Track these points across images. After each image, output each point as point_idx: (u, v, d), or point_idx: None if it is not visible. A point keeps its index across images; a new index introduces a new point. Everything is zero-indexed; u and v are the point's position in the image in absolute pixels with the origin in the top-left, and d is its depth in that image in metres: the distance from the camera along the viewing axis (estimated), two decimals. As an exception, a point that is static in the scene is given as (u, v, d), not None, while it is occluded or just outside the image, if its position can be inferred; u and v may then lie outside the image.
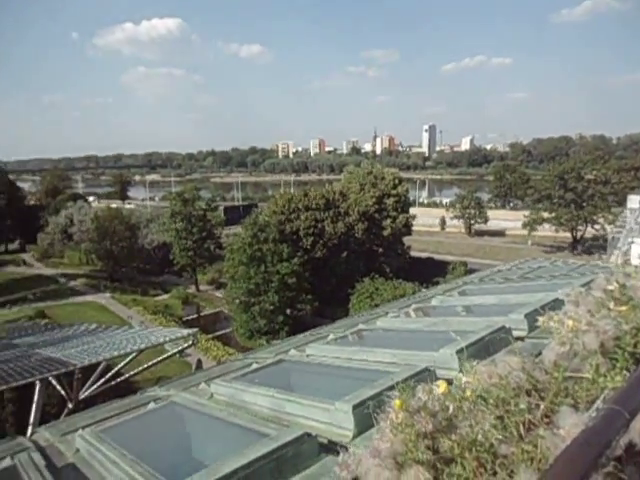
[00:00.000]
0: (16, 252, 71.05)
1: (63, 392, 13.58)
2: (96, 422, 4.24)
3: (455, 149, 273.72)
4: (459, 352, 3.86)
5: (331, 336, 5.90)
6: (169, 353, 15.19)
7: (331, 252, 43.88)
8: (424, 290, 34.71)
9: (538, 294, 6.09)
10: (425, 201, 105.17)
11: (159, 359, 14.38)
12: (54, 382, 13.09)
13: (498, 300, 6.28)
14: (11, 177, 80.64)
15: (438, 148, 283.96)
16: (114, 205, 73.63)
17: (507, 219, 77.34)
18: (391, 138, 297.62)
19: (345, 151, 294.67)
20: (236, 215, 74.69)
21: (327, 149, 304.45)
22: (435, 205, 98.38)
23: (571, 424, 1.19)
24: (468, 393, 1.45)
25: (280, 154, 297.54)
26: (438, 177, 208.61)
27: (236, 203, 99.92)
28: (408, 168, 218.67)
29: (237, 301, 38.69)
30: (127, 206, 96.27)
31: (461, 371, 3.73)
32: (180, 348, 14.15)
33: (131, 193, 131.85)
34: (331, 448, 2.98)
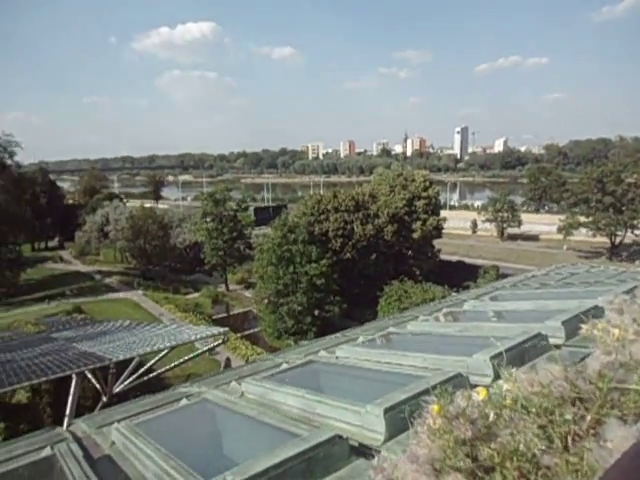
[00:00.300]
0: (55, 249, 73.83)
1: (98, 386, 13.99)
2: (130, 416, 4.34)
3: (488, 151, 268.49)
4: (493, 358, 3.78)
5: (361, 338, 5.88)
6: (200, 351, 15.44)
7: (360, 254, 43.71)
8: (454, 294, 34.19)
9: (575, 301, 5.90)
10: (456, 204, 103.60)
11: (190, 356, 14.64)
12: (89, 376, 13.49)
13: (533, 306, 6.12)
14: (52, 177, 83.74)
15: (470, 150, 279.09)
16: (148, 205, 75.34)
17: (541, 223, 75.29)
18: (422, 140, 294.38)
19: (375, 153, 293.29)
20: (266, 216, 75.37)
21: (357, 151, 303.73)
22: (466, 208, 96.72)
23: (620, 437, 1.14)
24: (509, 401, 1.42)
25: (310, 155, 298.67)
26: (470, 179, 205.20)
27: (266, 204, 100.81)
28: (439, 170, 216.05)
29: (266, 301, 39.02)
30: (160, 206, 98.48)
31: (495, 378, 3.68)
32: (211, 346, 14.38)
33: (164, 193, 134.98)
34: (362, 451, 2.97)
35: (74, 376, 11.58)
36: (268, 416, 3.50)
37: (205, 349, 15.33)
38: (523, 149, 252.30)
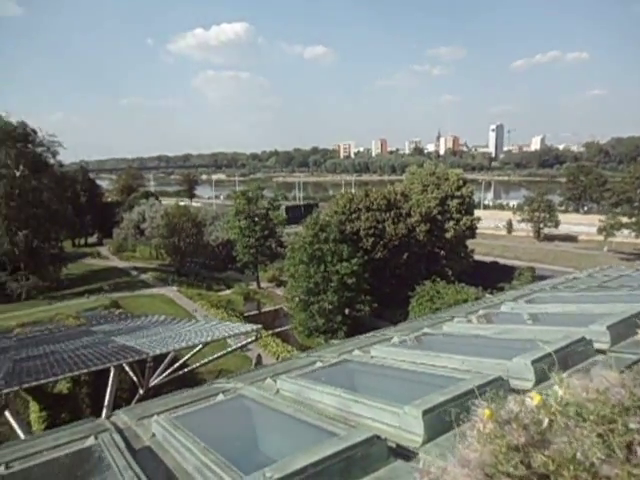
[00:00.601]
0: (94, 245, 76.38)
1: (135, 378, 14.39)
2: (169, 409, 4.44)
3: (524, 149, 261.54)
4: (535, 362, 3.68)
5: (395, 338, 5.82)
6: (233, 347, 15.67)
7: (391, 253, 43.37)
8: (488, 295, 33.46)
9: (620, 305, 5.68)
10: (490, 203, 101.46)
11: (224, 352, 14.89)
12: (127, 368, 13.93)
13: (575, 309, 5.92)
14: (91, 176, 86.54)
15: (505, 148, 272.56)
16: (182, 203, 76.97)
17: (580, 223, 72.84)
18: (455, 138, 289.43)
19: (407, 151, 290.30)
20: (297, 214, 75.88)
21: (389, 149, 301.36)
22: (501, 207, 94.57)
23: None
24: (566, 407, 1.37)
25: (341, 154, 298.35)
26: (505, 178, 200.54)
27: (297, 203, 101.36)
28: (473, 169, 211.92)
29: (297, 299, 39.23)
30: (194, 204, 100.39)
31: (537, 382, 3.58)
32: (244, 343, 14.59)
33: (198, 191, 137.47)
34: (400, 452, 2.94)
35: (112, 368, 11.98)
36: (304, 414, 3.51)
37: (239, 345, 15.56)
38: (561, 147, 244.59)
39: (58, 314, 34.56)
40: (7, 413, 11.63)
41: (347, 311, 38.63)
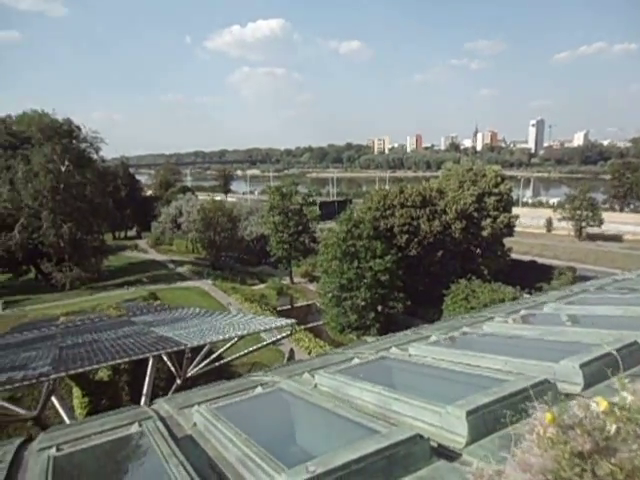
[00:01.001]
0: (134, 238, 78.77)
1: (173, 369, 14.78)
2: (209, 400, 4.52)
3: (566, 145, 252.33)
4: (583, 365, 3.55)
5: (434, 337, 5.74)
6: (269, 341, 15.87)
7: (426, 251, 42.80)
8: (526, 295, 32.60)
9: (674, 308, 5.41)
10: (529, 201, 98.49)
11: (259, 346, 15.10)
12: (165, 358, 14.30)
13: (624, 312, 5.67)
14: (131, 171, 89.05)
15: (546, 144, 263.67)
16: (218, 198, 78.28)
17: (626, 222, 69.74)
18: (493, 133, 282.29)
19: (443, 147, 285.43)
20: (331, 210, 75.87)
21: (424, 145, 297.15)
22: (540, 205, 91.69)
23: None
24: (635, 414, 1.31)
25: (376, 150, 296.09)
26: (545, 175, 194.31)
27: (331, 198, 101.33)
28: (511, 165, 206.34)
29: (329, 295, 39.29)
30: (229, 199, 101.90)
31: (586, 386, 3.45)
32: (279, 337, 14.75)
33: (233, 187, 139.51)
34: (442, 452, 2.90)
35: (151, 358, 12.32)
36: (344, 409, 3.51)
37: (273, 340, 15.74)
38: (606, 143, 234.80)
39: (100, 304, 35.87)
40: (53, 398, 12.16)
41: (380, 308, 38.41)
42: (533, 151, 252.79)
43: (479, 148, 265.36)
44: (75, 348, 12.73)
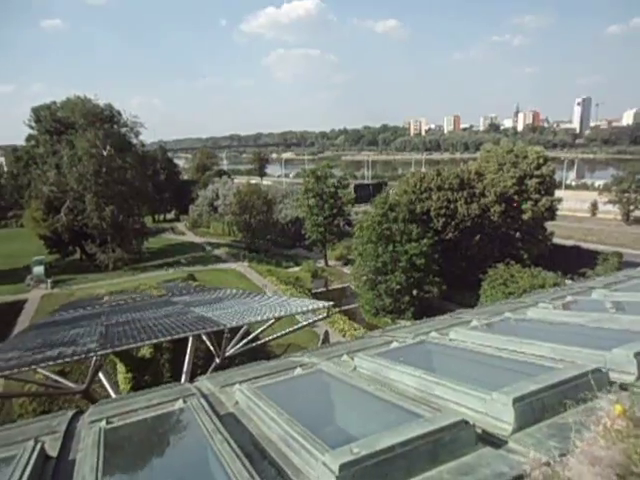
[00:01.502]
0: (172, 221, 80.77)
1: (212, 348, 15.18)
2: (250, 379, 4.60)
3: (614, 124, 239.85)
4: (638, 355, 3.39)
5: (474, 322, 5.62)
6: (305, 322, 16.04)
7: (463, 234, 41.94)
8: (568, 281, 31.57)
9: None
10: (573, 183, 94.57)
11: (296, 327, 15.28)
12: (204, 338, 14.70)
13: (680, 299, 5.38)
14: (169, 155, 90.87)
15: (592, 124, 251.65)
16: (253, 181, 78.97)
17: (679, 206, 66.03)
18: (535, 113, 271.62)
19: (482, 128, 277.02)
20: (366, 193, 75.38)
21: (462, 126, 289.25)
22: (585, 188, 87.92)
23: None
24: None
25: (412, 132, 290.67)
26: (590, 156, 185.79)
27: (366, 181, 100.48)
28: (554, 146, 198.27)
29: (364, 278, 39.22)
30: (264, 182, 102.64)
31: (641, 377, 3.29)
32: (315, 319, 14.89)
33: (268, 170, 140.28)
34: (487, 439, 2.84)
35: (191, 337, 12.70)
36: (385, 393, 3.49)
37: (310, 321, 15.90)
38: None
39: (141, 284, 37.14)
40: (100, 373, 12.75)
41: (415, 292, 38.05)
42: (578, 131, 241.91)
43: (520, 129, 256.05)
44: (119, 326, 13.25)
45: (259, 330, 15.39)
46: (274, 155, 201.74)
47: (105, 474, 2.79)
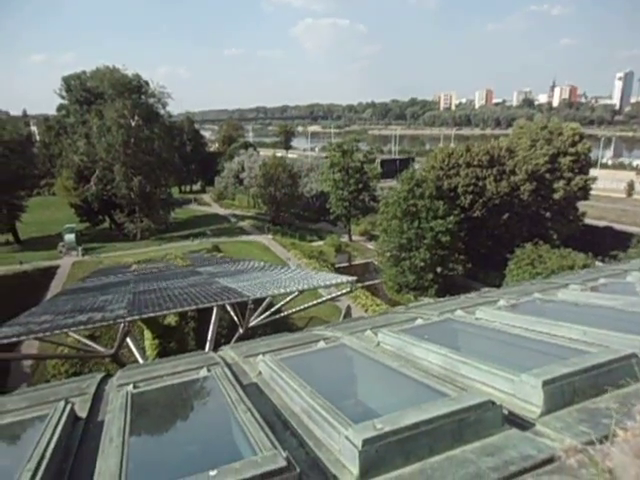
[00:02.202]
0: (198, 192, 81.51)
1: (235, 318, 15.44)
2: (273, 350, 4.62)
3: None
4: (677, 341, 3.24)
5: (502, 302, 5.50)
6: (328, 296, 16.13)
7: (490, 213, 41.12)
8: (599, 263, 30.72)
9: None
10: (609, 162, 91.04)
11: (319, 301, 15.38)
12: (228, 308, 14.94)
13: None
14: (196, 126, 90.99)
15: (633, 99, 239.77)
16: (279, 154, 78.70)
17: None
18: (573, 88, 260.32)
19: (515, 103, 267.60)
20: (392, 168, 74.33)
21: (494, 101, 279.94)
22: (622, 167, 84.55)
23: None
24: None
25: (442, 106, 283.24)
26: (629, 134, 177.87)
27: (393, 156, 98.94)
28: (591, 123, 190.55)
29: (388, 254, 39.07)
30: (290, 155, 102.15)
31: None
32: (338, 293, 14.91)
33: (294, 143, 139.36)
34: (514, 420, 2.78)
35: (215, 307, 12.91)
36: (409, 370, 3.45)
37: (333, 295, 15.95)
38: None
39: (167, 254, 37.86)
40: (128, 339, 13.15)
41: (439, 269, 37.75)
42: (617, 107, 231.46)
43: (556, 104, 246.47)
44: (147, 294, 13.57)
45: (282, 302, 15.53)
46: (300, 128, 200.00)
47: (132, 436, 2.85)
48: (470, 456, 2.45)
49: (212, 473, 2.18)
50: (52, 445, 2.74)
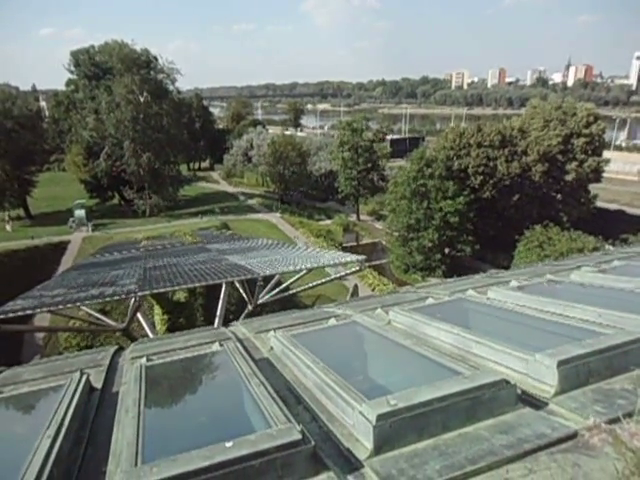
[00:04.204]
0: (207, 170, 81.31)
1: (244, 295, 15.55)
2: (284, 327, 4.65)
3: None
4: (694, 324, 3.21)
5: (514, 282, 5.47)
6: (337, 275, 16.16)
7: (501, 194, 40.69)
8: (608, 247, 30.43)
9: None
10: (623, 144, 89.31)
11: (328, 279, 15.44)
12: (237, 285, 15.04)
13: None
14: (205, 103, 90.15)
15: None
16: (288, 132, 77.97)
17: None
18: (588, 67, 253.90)
19: (528, 82, 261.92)
20: (402, 148, 73.56)
21: (507, 80, 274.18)
22: (636, 149, 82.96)
23: None
24: None
25: (453, 85, 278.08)
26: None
27: (403, 136, 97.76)
28: (606, 104, 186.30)
29: (396, 234, 39.00)
30: (299, 134, 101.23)
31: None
32: (347, 272, 14.94)
33: (303, 121, 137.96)
34: (527, 400, 2.79)
35: (224, 284, 12.99)
36: (421, 348, 3.45)
37: (342, 274, 16.01)
38: None
39: (177, 231, 38.07)
40: (139, 314, 13.32)
41: (447, 250, 37.67)
42: (634, 88, 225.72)
43: (570, 84, 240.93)
44: (157, 270, 13.68)
45: (290, 280, 15.61)
46: (309, 106, 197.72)
47: (147, 407, 2.90)
48: (484, 433, 2.47)
49: (228, 444, 2.21)
50: (70, 413, 2.80)
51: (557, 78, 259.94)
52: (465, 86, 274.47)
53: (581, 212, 44.72)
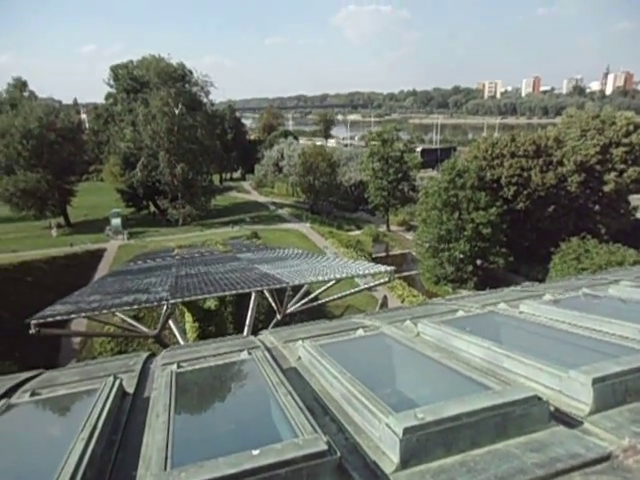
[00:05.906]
0: (238, 180, 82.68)
1: (273, 304, 15.66)
2: (312, 337, 4.66)
3: None
4: None
5: (547, 296, 5.32)
6: (366, 286, 16.09)
7: (535, 205, 39.73)
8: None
9: None
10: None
11: (356, 290, 15.41)
12: (267, 294, 15.16)
13: None
14: (237, 114, 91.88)
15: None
16: (318, 143, 78.52)
17: None
18: (628, 75, 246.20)
19: (564, 91, 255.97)
20: (433, 158, 72.92)
21: (542, 89, 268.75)
22: (680, 159, 79.50)
23: None
24: None
25: (486, 94, 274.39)
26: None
27: (434, 146, 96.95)
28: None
29: (426, 245, 38.56)
30: (329, 144, 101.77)
31: None
32: (376, 283, 14.87)
33: (333, 132, 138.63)
34: (560, 418, 2.70)
35: (254, 293, 13.12)
36: (450, 361, 3.40)
37: (371, 285, 15.91)
38: None
39: (208, 240, 38.76)
40: (170, 321, 13.58)
41: (479, 262, 36.96)
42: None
43: (609, 92, 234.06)
44: (188, 278, 13.95)
45: (319, 290, 15.63)
46: (340, 116, 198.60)
47: (176, 413, 2.96)
48: (514, 451, 2.40)
49: (255, 452, 2.23)
50: (103, 417, 2.88)
51: (595, 86, 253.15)
52: (498, 95, 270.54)
53: (621, 224, 43.17)
